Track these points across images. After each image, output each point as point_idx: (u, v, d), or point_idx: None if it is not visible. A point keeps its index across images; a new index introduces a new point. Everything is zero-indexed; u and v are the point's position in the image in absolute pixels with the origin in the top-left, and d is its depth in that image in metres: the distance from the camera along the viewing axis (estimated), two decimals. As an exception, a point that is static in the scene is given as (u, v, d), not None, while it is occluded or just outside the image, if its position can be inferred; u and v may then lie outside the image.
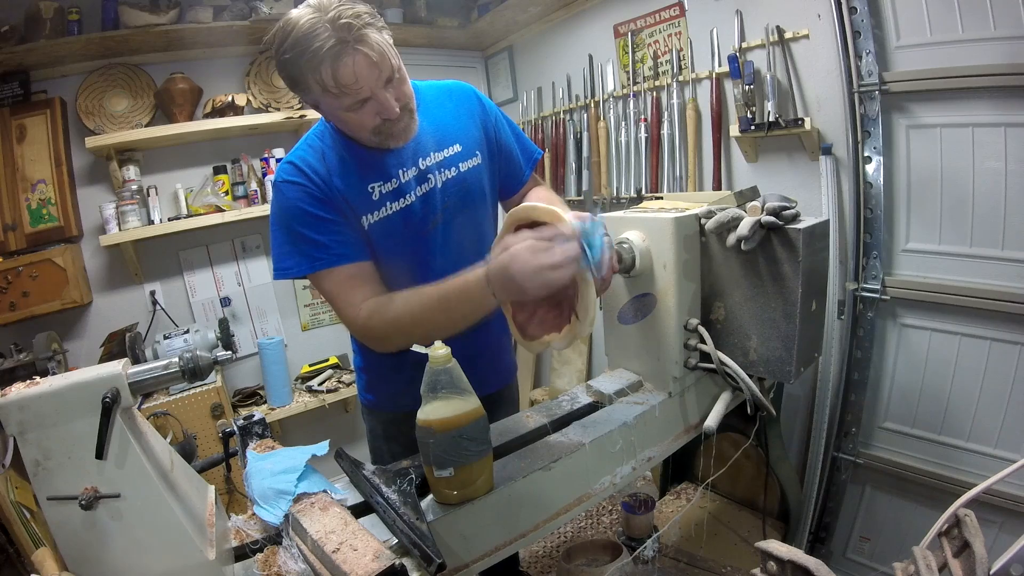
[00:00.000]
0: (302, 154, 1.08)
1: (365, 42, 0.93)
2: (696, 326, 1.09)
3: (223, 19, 2.31)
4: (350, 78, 0.94)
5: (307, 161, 1.07)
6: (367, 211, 1.08)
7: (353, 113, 1.00)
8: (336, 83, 0.94)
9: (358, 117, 1.00)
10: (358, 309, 1.04)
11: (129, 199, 2.20)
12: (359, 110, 0.99)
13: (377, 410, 1.31)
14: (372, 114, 1.00)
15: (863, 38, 1.55)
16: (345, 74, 0.93)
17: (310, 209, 1.04)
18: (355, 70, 0.93)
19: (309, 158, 1.07)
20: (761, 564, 0.61)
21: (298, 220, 1.05)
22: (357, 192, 1.07)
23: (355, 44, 0.92)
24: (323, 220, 1.04)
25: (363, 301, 1.04)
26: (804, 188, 1.77)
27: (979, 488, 0.66)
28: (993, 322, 1.47)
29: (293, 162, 1.07)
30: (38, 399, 0.64)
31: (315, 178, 1.05)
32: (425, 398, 0.78)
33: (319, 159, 1.07)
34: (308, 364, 2.65)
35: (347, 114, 1.00)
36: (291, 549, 0.74)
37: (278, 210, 1.08)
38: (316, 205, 1.04)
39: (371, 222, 1.08)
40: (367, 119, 1.01)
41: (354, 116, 1.00)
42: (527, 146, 1.28)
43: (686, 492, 1.70)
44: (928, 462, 1.62)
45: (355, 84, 0.94)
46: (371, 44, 0.94)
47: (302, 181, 1.05)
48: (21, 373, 1.90)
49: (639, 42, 2.25)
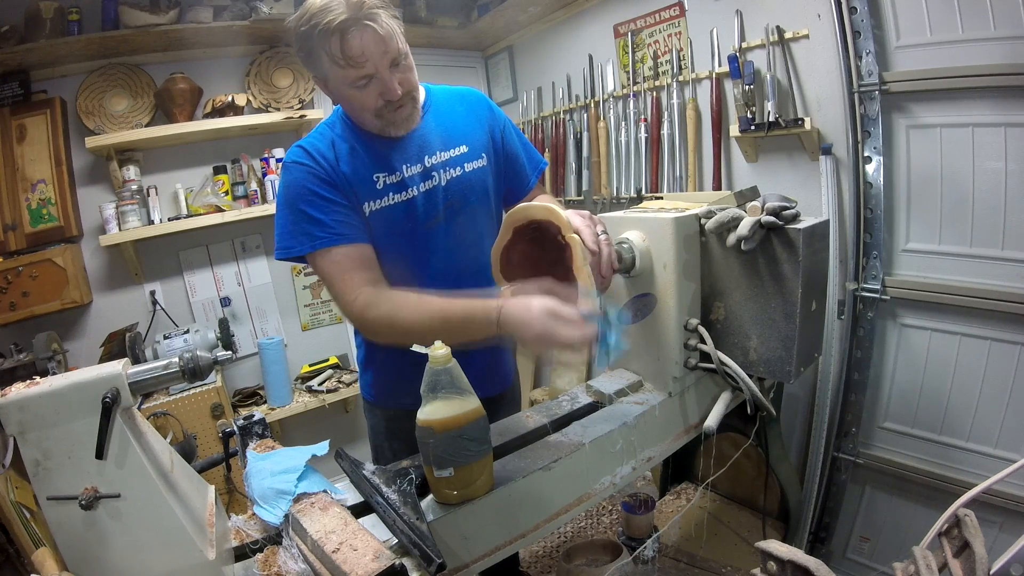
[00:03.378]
0: (312, 140, 1.12)
1: (375, 20, 0.98)
2: (696, 326, 1.09)
3: (223, 19, 2.31)
4: (357, 50, 0.98)
5: (316, 146, 1.10)
6: (370, 198, 1.10)
7: (357, 90, 1.03)
8: (343, 54, 0.98)
9: (361, 95, 1.04)
10: (355, 293, 1.04)
11: (129, 199, 2.20)
12: (363, 88, 1.03)
13: (379, 406, 1.31)
14: (375, 94, 1.04)
15: (863, 38, 1.55)
16: (353, 46, 0.98)
17: (314, 188, 1.07)
18: (362, 43, 0.98)
19: (319, 144, 1.11)
20: (761, 564, 0.61)
21: (302, 199, 1.07)
22: (362, 179, 1.10)
23: (365, 20, 0.97)
24: (326, 200, 1.07)
25: (361, 286, 1.05)
26: (804, 188, 1.77)
27: (979, 488, 0.67)
28: (993, 322, 1.47)
29: (303, 146, 1.11)
30: (38, 399, 0.64)
31: (322, 161, 1.09)
32: (425, 398, 0.78)
33: (328, 146, 1.11)
34: (308, 364, 2.65)
35: (351, 91, 1.04)
36: (291, 549, 0.74)
37: (284, 189, 1.11)
38: (320, 185, 1.07)
39: (372, 210, 1.11)
40: (370, 99, 1.04)
41: (358, 94, 1.04)
42: (533, 155, 1.31)
43: (686, 492, 1.70)
44: (928, 462, 1.62)
45: (361, 57, 0.99)
46: (381, 22, 0.99)
47: (309, 162, 1.09)
48: (21, 373, 1.90)
49: (639, 42, 2.25)
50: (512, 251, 1.00)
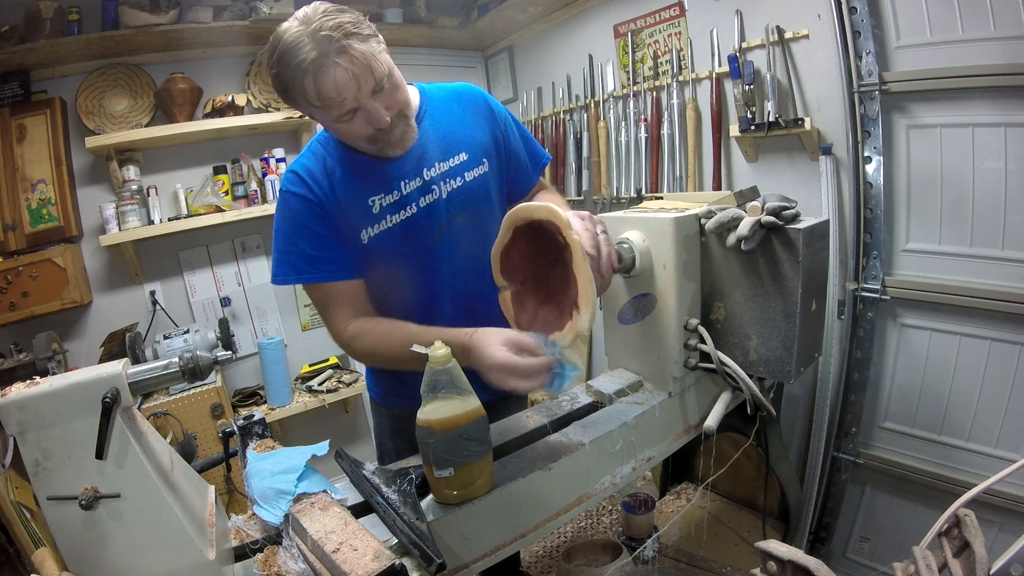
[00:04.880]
0: (305, 162, 1.09)
1: (346, 54, 0.92)
2: (696, 326, 1.09)
3: (223, 19, 2.31)
4: (332, 91, 0.93)
5: (310, 170, 1.08)
6: (367, 225, 1.08)
7: (344, 124, 1.00)
8: (319, 97, 0.94)
9: (349, 128, 1.01)
10: (343, 325, 1.09)
11: (129, 199, 2.20)
12: (350, 121, 0.99)
13: (384, 405, 1.31)
14: (363, 124, 1.00)
15: (863, 38, 1.55)
16: (327, 88, 0.93)
17: (308, 223, 1.06)
18: (336, 83, 0.92)
19: (312, 167, 1.08)
20: (761, 564, 0.61)
21: (296, 232, 1.07)
22: (357, 205, 1.08)
23: (335, 56, 0.91)
24: (319, 235, 1.07)
25: (349, 320, 1.08)
26: (804, 188, 1.77)
27: (979, 488, 0.66)
28: (993, 322, 1.47)
29: (297, 172, 1.08)
30: (38, 399, 0.64)
31: (317, 190, 1.06)
32: (425, 398, 0.78)
33: (321, 168, 1.08)
34: (308, 364, 2.65)
35: (339, 125, 1.01)
36: (291, 549, 0.74)
37: (280, 219, 1.10)
38: (314, 220, 1.06)
39: (371, 235, 1.08)
40: (359, 129, 1.01)
41: (345, 127, 1.01)
42: (535, 150, 1.28)
43: (686, 492, 1.70)
44: (928, 462, 1.62)
45: (337, 97, 0.94)
46: (352, 56, 0.92)
47: (304, 193, 1.06)
48: (21, 373, 1.90)
49: (639, 42, 2.25)
50: (512, 250, 1.00)
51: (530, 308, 0.99)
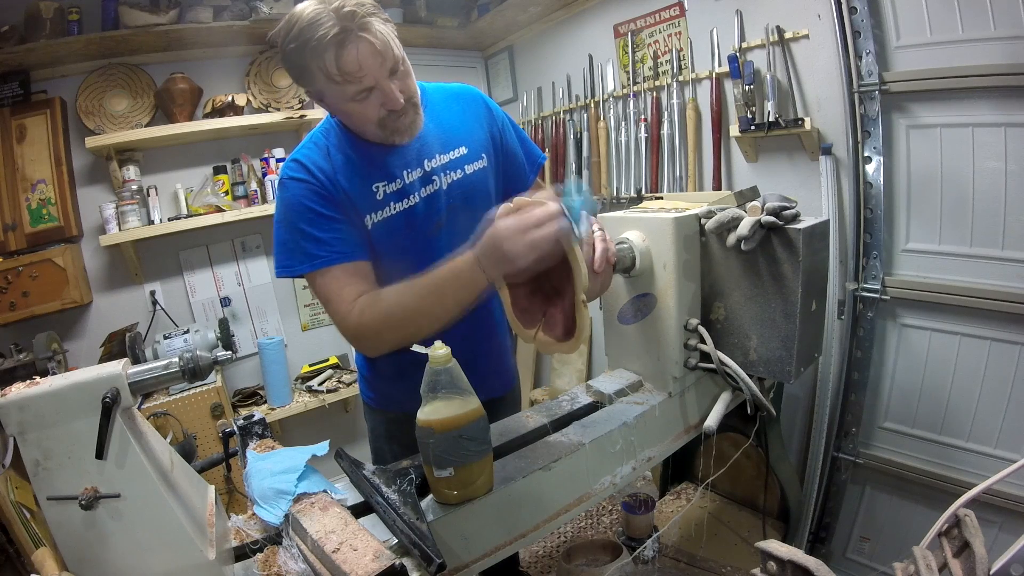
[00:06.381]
0: (307, 152, 1.08)
1: (369, 30, 0.94)
2: (696, 326, 1.09)
3: (223, 19, 2.31)
4: (354, 65, 0.94)
5: (312, 159, 1.07)
6: (370, 211, 1.08)
7: (357, 103, 1.00)
8: (340, 70, 0.94)
9: (362, 108, 1.00)
10: (351, 306, 1.02)
11: (129, 199, 2.20)
12: (364, 100, 0.99)
13: (379, 409, 1.31)
14: (376, 105, 1.00)
15: (863, 38, 1.55)
16: (349, 61, 0.94)
17: (312, 205, 1.04)
18: (359, 57, 0.94)
19: (314, 155, 1.07)
20: (761, 564, 0.61)
21: (300, 217, 1.05)
22: (361, 192, 1.07)
23: (359, 31, 0.93)
24: (325, 217, 1.05)
25: (356, 297, 1.03)
26: (804, 188, 1.77)
27: (979, 488, 0.67)
28: (993, 322, 1.47)
29: (298, 159, 1.07)
30: (38, 399, 0.64)
31: (320, 175, 1.05)
32: (425, 398, 0.78)
33: (324, 157, 1.07)
34: (308, 364, 2.65)
35: (352, 104, 1.00)
36: (291, 549, 0.74)
37: (282, 206, 1.08)
38: (318, 202, 1.04)
39: (375, 222, 1.08)
40: (371, 110, 1.01)
41: (358, 107, 1.00)
42: (531, 151, 1.28)
43: (686, 492, 1.70)
44: (928, 462, 1.62)
45: (359, 71, 0.95)
46: (375, 32, 0.94)
47: (307, 178, 1.05)
48: (21, 373, 1.90)
49: (639, 42, 2.25)
50: None
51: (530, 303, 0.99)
